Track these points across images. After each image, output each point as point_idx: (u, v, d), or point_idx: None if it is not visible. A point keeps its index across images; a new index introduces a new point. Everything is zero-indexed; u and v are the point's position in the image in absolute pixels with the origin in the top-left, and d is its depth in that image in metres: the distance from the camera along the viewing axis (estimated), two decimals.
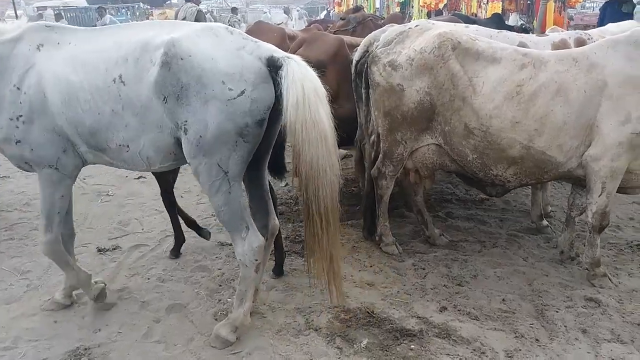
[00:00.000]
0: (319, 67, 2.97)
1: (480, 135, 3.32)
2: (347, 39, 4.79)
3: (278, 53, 2.57)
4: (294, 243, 4.02)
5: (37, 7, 26.75)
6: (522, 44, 3.97)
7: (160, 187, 3.79)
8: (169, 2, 32.84)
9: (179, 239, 3.92)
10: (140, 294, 3.39)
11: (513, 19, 12.03)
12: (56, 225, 2.93)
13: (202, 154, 2.52)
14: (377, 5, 17.44)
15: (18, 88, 2.66)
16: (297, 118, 2.43)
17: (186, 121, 2.48)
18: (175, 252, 3.91)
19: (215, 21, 8.73)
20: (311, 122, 2.44)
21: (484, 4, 12.88)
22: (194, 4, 9.22)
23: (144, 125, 2.58)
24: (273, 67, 2.51)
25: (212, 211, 4.60)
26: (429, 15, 12.92)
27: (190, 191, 5.34)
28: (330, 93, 2.62)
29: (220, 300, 3.29)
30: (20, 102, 2.66)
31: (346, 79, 4.24)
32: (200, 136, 2.48)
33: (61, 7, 23.45)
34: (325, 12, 23.14)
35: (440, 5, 13.44)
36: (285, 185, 5.37)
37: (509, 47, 3.53)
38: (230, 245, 4.01)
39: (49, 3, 26.72)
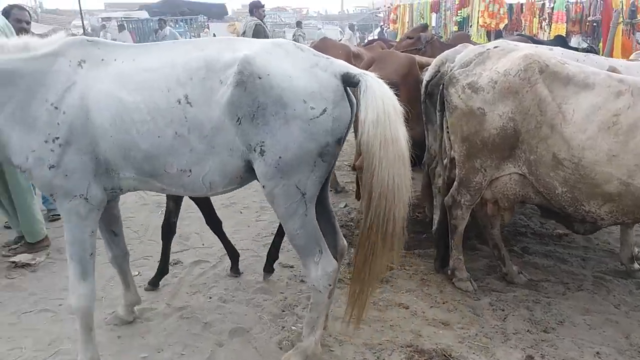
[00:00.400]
0: (391, 86, 2.86)
1: (571, 167, 3.06)
2: (417, 58, 4.64)
3: (353, 70, 2.49)
4: None
5: (102, 17, 28.03)
6: (612, 69, 3.69)
7: (202, 210, 3.75)
8: (227, 15, 33.79)
9: (234, 255, 3.84)
10: (203, 314, 3.29)
11: (575, 42, 11.56)
12: (91, 270, 2.55)
13: (280, 176, 2.41)
14: (434, 24, 17.20)
15: (56, 107, 2.37)
16: (376, 135, 2.35)
17: (263, 142, 2.37)
18: (235, 270, 3.82)
19: (269, 36, 8.73)
20: (390, 139, 2.36)
21: (545, 25, 12.46)
22: (255, 18, 9.30)
23: (212, 149, 2.41)
24: (349, 84, 2.45)
25: (271, 229, 4.51)
26: (488, 36, 12.58)
27: (248, 207, 5.28)
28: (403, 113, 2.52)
29: (284, 327, 3.15)
30: (58, 123, 2.37)
31: (416, 100, 4.08)
32: (280, 157, 2.37)
33: (124, 18, 24.46)
34: (378, 29, 23.05)
35: (501, 26, 13.06)
36: (344, 207, 5.23)
37: (601, 72, 3.27)
38: (292, 267, 3.89)
39: (113, 14, 27.97)
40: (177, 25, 24.16)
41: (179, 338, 3.05)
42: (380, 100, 2.37)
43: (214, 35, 15.20)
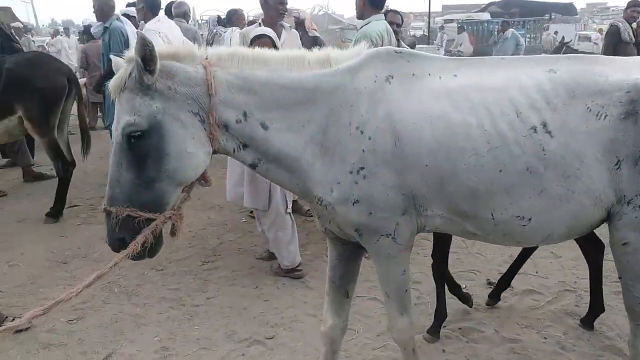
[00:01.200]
0: None
1: None
2: None
3: None
4: None
5: (444, 19, 29.20)
6: None
7: (435, 251, 3.12)
8: (575, 15, 30.64)
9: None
10: (537, 356, 2.90)
11: None
12: (409, 305, 2.27)
13: None
14: None
15: (361, 131, 1.98)
16: None
17: None
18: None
19: None
20: None
21: None
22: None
23: (570, 194, 1.96)
24: None
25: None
26: None
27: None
28: None
29: None
30: (363, 150, 1.97)
31: None
32: None
33: (464, 20, 24.87)
34: None
35: None
36: None
37: None
38: None
39: (454, 16, 28.84)
40: (520, 28, 23.12)
41: None
42: None
43: (563, 38, 13.76)
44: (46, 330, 3.27)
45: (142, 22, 5.55)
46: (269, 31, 3.67)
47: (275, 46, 3.36)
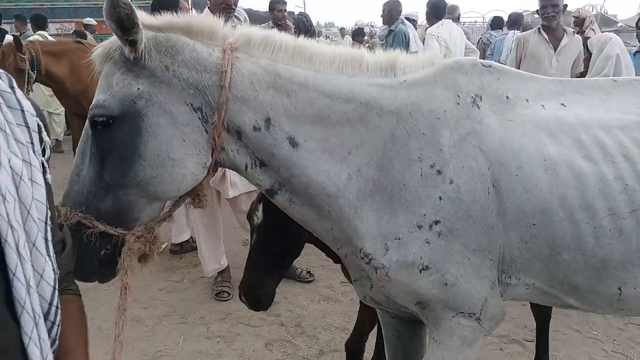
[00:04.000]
0: None
1: None
2: None
3: None
4: None
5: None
6: None
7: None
8: None
9: None
10: None
11: None
12: None
13: None
14: None
15: (438, 172, 1.47)
16: None
17: None
18: None
19: None
20: None
21: None
22: None
23: None
24: None
25: None
26: None
27: None
28: None
29: None
30: (440, 198, 1.47)
31: None
32: None
33: None
34: None
35: None
36: None
37: None
38: None
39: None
40: None
41: None
42: None
43: None
44: None
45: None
46: None
47: None
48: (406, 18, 6.71)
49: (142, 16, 1.37)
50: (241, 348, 3.11)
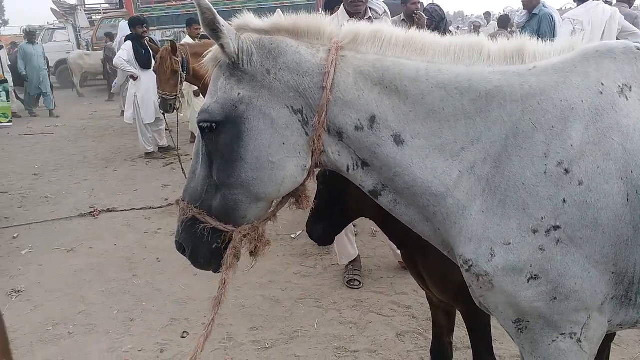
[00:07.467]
0: None
1: None
2: None
3: None
4: None
5: None
6: None
7: None
8: None
9: None
10: None
11: None
12: None
13: None
14: None
15: (566, 170, 1.27)
16: None
17: None
18: None
19: None
20: None
21: None
22: None
23: None
24: None
25: None
26: None
27: None
28: None
29: None
30: (564, 200, 1.27)
31: None
32: None
33: None
34: None
35: None
36: None
37: None
38: None
39: None
40: None
41: None
42: None
43: None
44: None
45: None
46: None
47: None
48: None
49: (249, 20, 1.41)
50: (373, 336, 3.16)
